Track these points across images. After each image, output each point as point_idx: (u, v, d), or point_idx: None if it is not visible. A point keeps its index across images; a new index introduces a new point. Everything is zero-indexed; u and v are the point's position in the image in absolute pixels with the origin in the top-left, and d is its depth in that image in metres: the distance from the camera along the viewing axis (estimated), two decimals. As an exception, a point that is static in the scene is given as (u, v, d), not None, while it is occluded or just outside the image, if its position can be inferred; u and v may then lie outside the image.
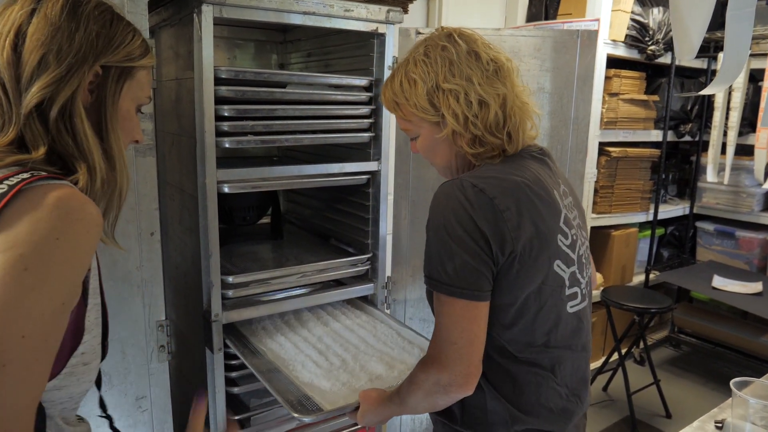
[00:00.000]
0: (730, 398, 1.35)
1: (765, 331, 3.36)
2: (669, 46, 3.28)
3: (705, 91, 1.52)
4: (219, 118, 1.42)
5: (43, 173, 0.78)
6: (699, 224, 3.83)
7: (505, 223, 1.01)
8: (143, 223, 1.36)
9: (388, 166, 1.71)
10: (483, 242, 1.00)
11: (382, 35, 1.62)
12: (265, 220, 2.10)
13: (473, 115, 1.08)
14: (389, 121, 1.68)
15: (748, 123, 3.41)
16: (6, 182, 0.74)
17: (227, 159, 1.57)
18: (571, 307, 1.11)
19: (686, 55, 1.32)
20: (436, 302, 1.05)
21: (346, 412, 1.24)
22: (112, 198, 0.91)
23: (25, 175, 0.75)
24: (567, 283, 1.09)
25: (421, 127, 1.15)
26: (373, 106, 1.68)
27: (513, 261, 1.02)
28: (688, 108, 3.63)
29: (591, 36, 1.60)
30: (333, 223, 1.97)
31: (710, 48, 3.55)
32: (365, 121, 1.67)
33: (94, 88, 0.87)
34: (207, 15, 1.34)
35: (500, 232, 1.00)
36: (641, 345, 3.31)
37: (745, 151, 3.43)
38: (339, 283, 1.79)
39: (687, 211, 3.84)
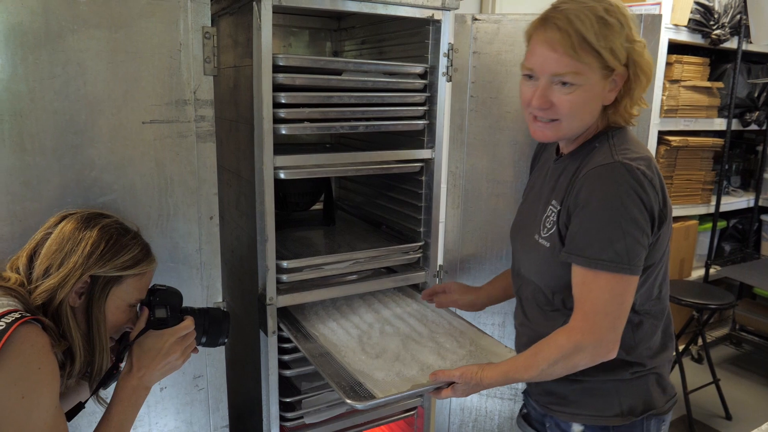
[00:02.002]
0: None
1: (835, 331, 3.19)
2: (735, 30, 3.12)
3: None
4: (276, 105, 1.44)
5: (28, 315, 0.95)
6: (764, 217, 3.66)
7: (659, 201, 1.13)
8: (203, 207, 1.39)
9: (441, 154, 1.70)
10: (650, 221, 1.12)
11: (438, 22, 1.60)
12: (318, 206, 2.13)
13: (646, 80, 1.17)
14: (443, 108, 1.66)
15: (821, 112, 3.23)
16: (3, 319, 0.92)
17: (282, 146, 1.59)
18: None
19: (763, 41, 1.25)
20: (588, 277, 1.13)
21: (431, 391, 1.27)
22: (92, 370, 1.09)
23: (16, 315, 0.93)
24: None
25: (590, 76, 1.14)
26: (427, 94, 1.66)
27: (659, 232, 1.15)
28: (755, 95, 3.45)
29: (654, 20, 1.54)
30: (385, 210, 1.97)
31: (781, 32, 3.36)
32: (420, 108, 1.66)
33: (83, 293, 1.06)
34: (266, 4, 1.35)
35: (658, 210, 1.13)
36: (699, 342, 3.20)
37: (817, 141, 3.24)
38: (390, 271, 1.80)
39: (751, 204, 3.66)
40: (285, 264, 1.54)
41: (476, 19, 1.63)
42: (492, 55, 1.66)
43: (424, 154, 1.70)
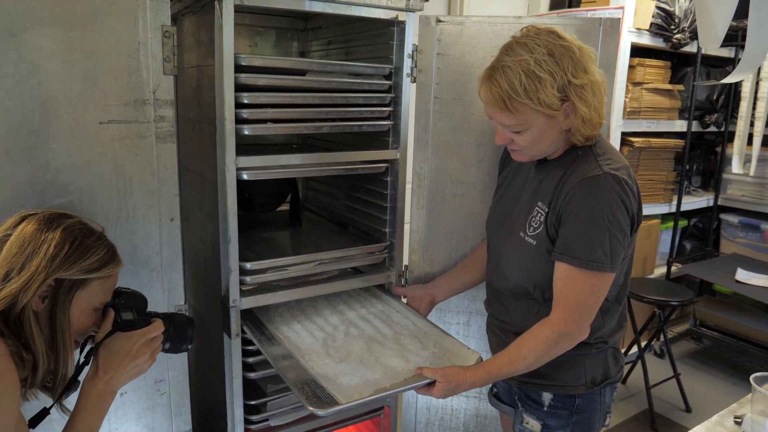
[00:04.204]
0: (750, 393, 1.33)
1: (789, 326, 3.30)
2: (695, 35, 3.20)
3: (728, 79, 1.49)
4: (239, 105, 1.42)
5: None
6: (723, 216, 3.76)
7: (637, 205, 1.28)
8: (163, 208, 1.37)
9: (406, 154, 1.71)
10: (630, 224, 1.27)
11: (402, 23, 1.61)
12: (284, 207, 2.12)
13: (597, 102, 1.26)
14: (408, 109, 1.67)
15: (776, 113, 3.33)
16: None
17: (247, 146, 1.58)
18: None
19: (710, 45, 1.29)
20: (573, 274, 1.26)
21: (415, 388, 1.32)
22: (55, 377, 1.06)
23: None
24: None
25: (534, 121, 1.26)
26: (392, 95, 1.67)
27: (634, 232, 1.31)
28: (714, 98, 3.55)
29: (614, 24, 1.57)
30: (351, 211, 1.97)
31: (738, 37, 3.45)
32: (385, 109, 1.66)
33: (46, 297, 1.02)
34: (228, 3, 1.34)
35: (636, 213, 1.28)
36: (661, 338, 3.28)
37: (772, 142, 3.35)
38: (356, 271, 1.80)
39: (711, 203, 3.77)
40: (248, 266, 1.53)
41: (440, 21, 1.65)
42: (455, 56, 1.67)
43: (389, 154, 1.70)
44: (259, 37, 2.10)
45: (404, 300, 1.74)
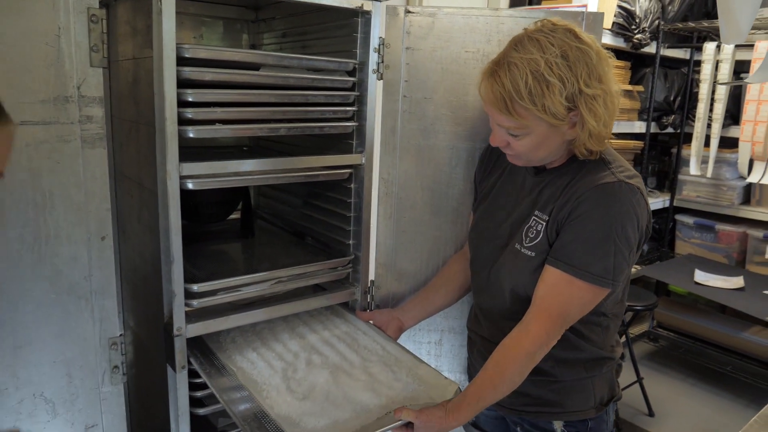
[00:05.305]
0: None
1: (745, 326, 3.33)
2: (654, 35, 3.18)
3: (750, 80, 1.41)
4: (182, 103, 1.23)
5: None
6: (678, 217, 3.78)
7: (647, 218, 1.18)
8: (93, 225, 1.17)
9: (372, 159, 1.55)
10: (639, 238, 1.17)
11: (368, 13, 1.45)
12: (235, 215, 1.92)
13: (609, 116, 1.14)
14: (374, 109, 1.51)
15: (730, 115, 3.35)
16: None
17: (190, 149, 1.38)
18: None
19: (733, 40, 1.20)
20: (563, 281, 1.15)
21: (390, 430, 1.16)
22: None
23: None
24: None
25: (535, 128, 1.14)
26: (356, 93, 1.50)
27: (641, 247, 1.21)
28: (671, 99, 3.55)
29: (597, 19, 1.46)
30: (310, 220, 1.80)
31: (693, 38, 3.47)
32: (348, 109, 1.50)
33: None
34: (167, -17, 1.14)
35: (645, 227, 1.18)
36: (622, 339, 3.24)
37: (726, 143, 3.36)
38: (317, 287, 1.63)
39: (667, 204, 3.78)
40: (195, 288, 1.33)
41: (409, 12, 1.49)
42: (427, 51, 1.52)
43: (354, 159, 1.53)
44: (205, 27, 1.89)
45: None
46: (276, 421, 1.12)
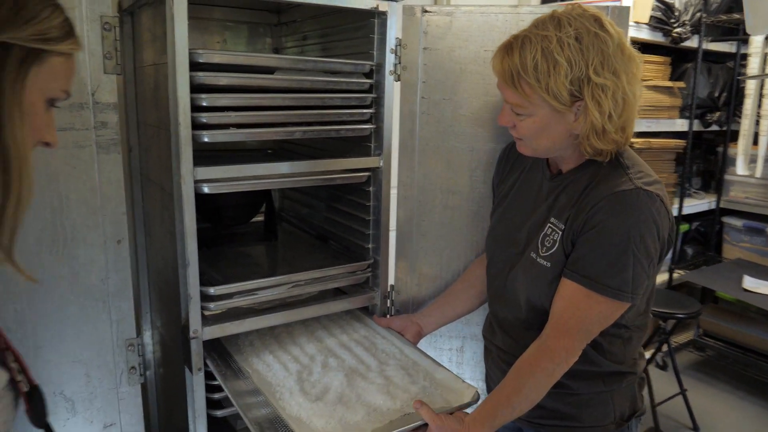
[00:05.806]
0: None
1: (798, 335, 3.15)
2: (696, 29, 3.05)
3: None
4: (196, 108, 1.24)
5: None
6: (726, 219, 3.60)
7: (669, 226, 1.12)
8: (108, 229, 1.19)
9: (390, 162, 1.53)
10: (660, 250, 1.11)
11: (384, 14, 1.43)
12: (259, 217, 1.93)
13: (617, 114, 1.08)
14: (392, 111, 1.49)
15: (781, 111, 3.18)
16: None
17: (213, 153, 1.39)
18: None
19: (760, 30, 1.13)
20: (581, 295, 1.11)
21: None
22: (5, 207, 0.76)
23: None
24: None
25: (539, 109, 1.11)
26: (374, 95, 1.49)
27: (663, 258, 1.15)
28: (716, 95, 3.39)
29: (622, 13, 1.40)
30: (332, 224, 1.79)
31: (739, 30, 3.31)
32: (365, 111, 1.48)
33: None
34: (179, -11, 1.15)
35: (667, 237, 1.12)
36: (664, 348, 3.11)
37: (777, 141, 3.19)
38: (338, 291, 1.62)
39: (713, 206, 3.61)
40: (212, 291, 1.34)
41: (426, 11, 1.47)
42: (444, 51, 1.49)
43: (371, 162, 1.52)
44: (229, 32, 1.91)
45: None
46: (286, 421, 1.12)
